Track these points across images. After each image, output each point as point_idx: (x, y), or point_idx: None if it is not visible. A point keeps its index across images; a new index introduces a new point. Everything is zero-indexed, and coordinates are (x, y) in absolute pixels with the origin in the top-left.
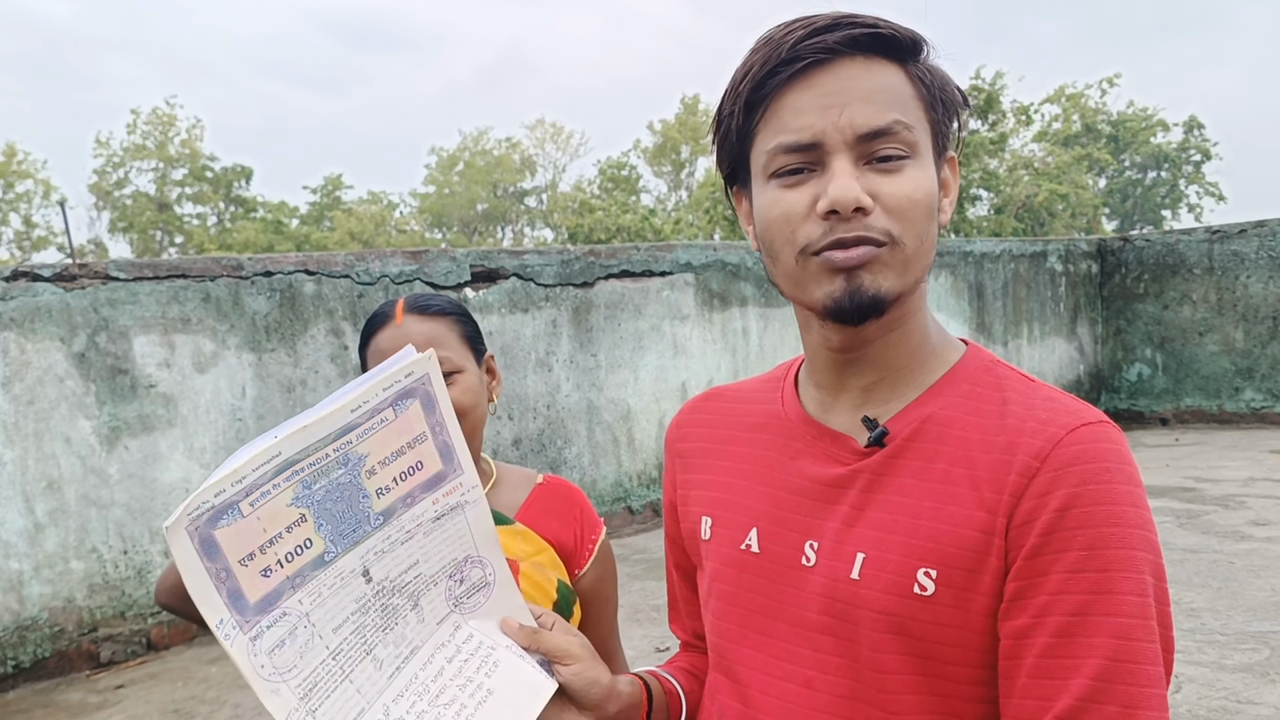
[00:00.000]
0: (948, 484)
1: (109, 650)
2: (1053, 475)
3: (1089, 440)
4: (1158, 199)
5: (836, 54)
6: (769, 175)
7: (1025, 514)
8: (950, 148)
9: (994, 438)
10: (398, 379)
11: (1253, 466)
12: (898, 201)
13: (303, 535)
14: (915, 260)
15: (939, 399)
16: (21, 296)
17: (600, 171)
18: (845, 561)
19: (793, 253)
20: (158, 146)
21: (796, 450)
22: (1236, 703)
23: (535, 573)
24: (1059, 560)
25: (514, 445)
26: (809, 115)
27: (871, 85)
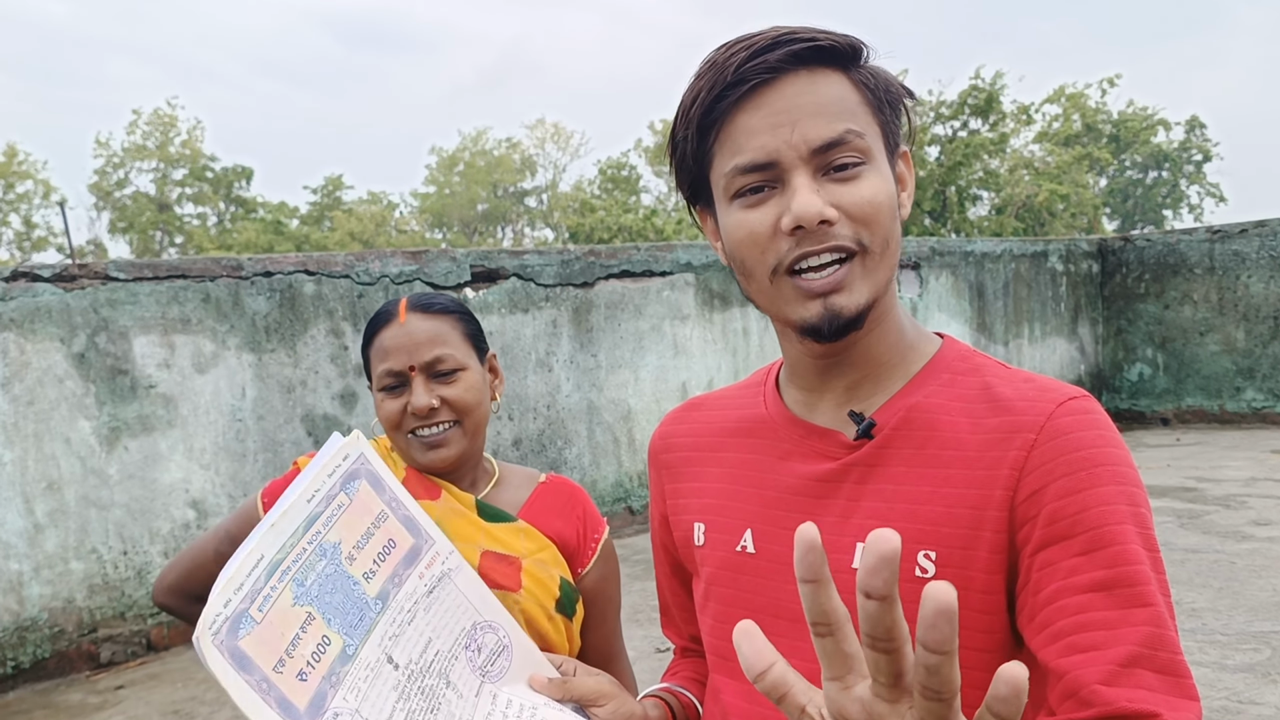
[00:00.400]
0: (940, 467)
1: (109, 651)
2: (1052, 444)
3: (1078, 411)
4: (1158, 199)
5: (780, 71)
6: (731, 197)
7: (1031, 486)
8: (901, 143)
9: (982, 419)
10: (336, 463)
11: (1254, 466)
12: (861, 209)
13: (318, 633)
14: (884, 264)
15: (922, 388)
16: (21, 297)
17: (600, 172)
18: (845, 552)
19: (765, 273)
20: (158, 147)
21: (785, 450)
22: (1238, 703)
23: (538, 570)
24: (1079, 523)
25: (514, 445)
26: (761, 135)
27: (818, 98)
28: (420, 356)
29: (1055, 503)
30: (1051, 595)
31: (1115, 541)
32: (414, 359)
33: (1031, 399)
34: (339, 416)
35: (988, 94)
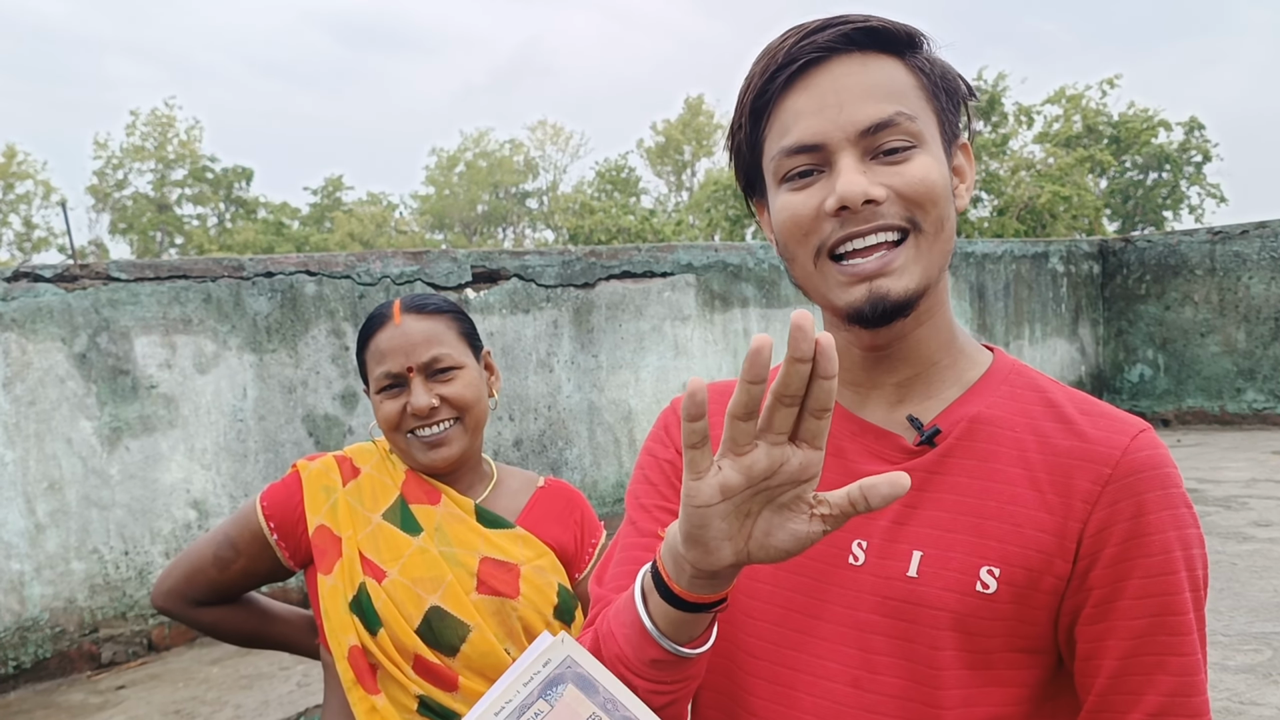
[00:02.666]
0: (1007, 484)
1: (110, 651)
2: (1125, 483)
3: (1148, 447)
4: (1159, 200)
5: (831, 53)
6: (779, 180)
7: (1101, 521)
8: (960, 135)
9: (1050, 440)
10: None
11: (1255, 468)
12: (912, 188)
13: None
14: (936, 247)
15: (982, 398)
16: (23, 297)
17: (599, 174)
18: (901, 560)
19: (809, 255)
20: (156, 148)
21: (836, 446)
22: (1239, 704)
23: (536, 577)
24: (1137, 568)
25: (515, 446)
26: (809, 117)
27: (868, 80)
28: (418, 357)
29: (1118, 546)
30: (1100, 646)
31: (1173, 606)
32: (412, 359)
33: (1103, 430)
34: (340, 417)
35: (989, 95)
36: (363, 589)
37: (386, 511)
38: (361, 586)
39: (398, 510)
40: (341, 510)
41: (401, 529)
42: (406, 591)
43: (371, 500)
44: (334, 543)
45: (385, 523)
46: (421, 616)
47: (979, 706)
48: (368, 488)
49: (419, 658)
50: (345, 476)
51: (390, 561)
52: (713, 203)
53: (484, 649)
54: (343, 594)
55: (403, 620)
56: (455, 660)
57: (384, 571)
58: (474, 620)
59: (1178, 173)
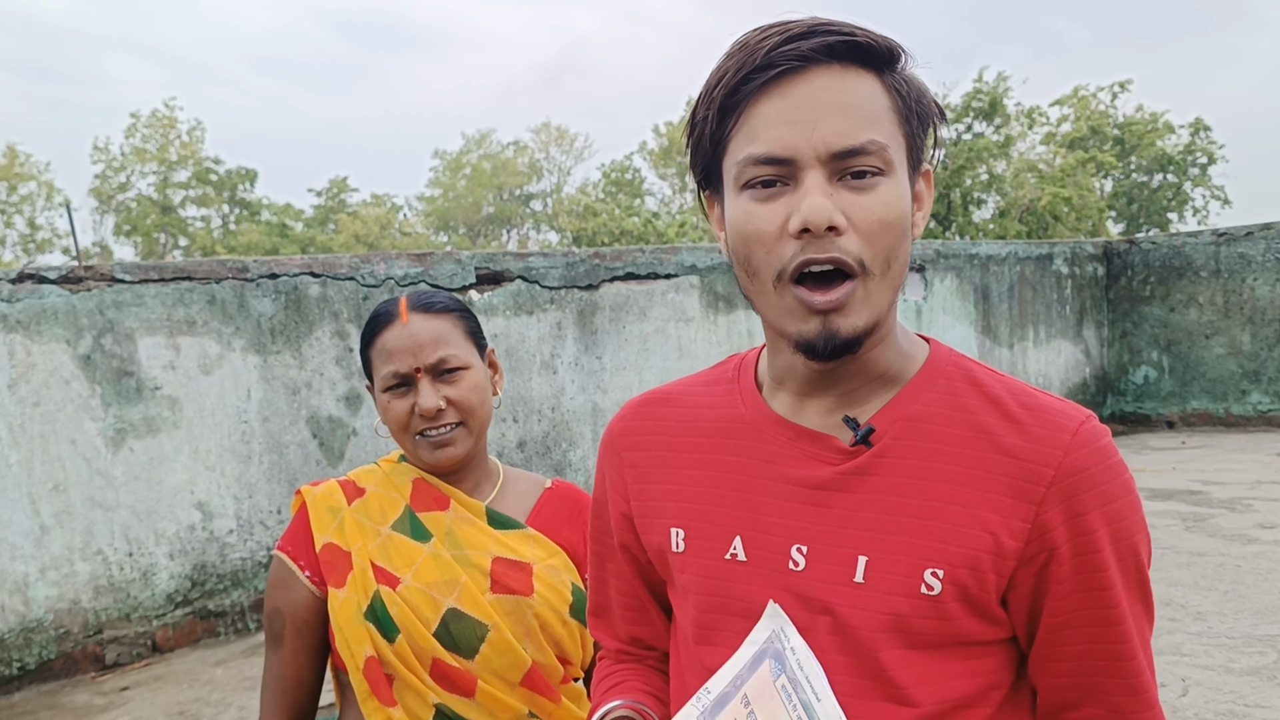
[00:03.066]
0: (949, 483)
1: (114, 652)
2: (1069, 482)
3: (1090, 441)
4: (1163, 202)
5: (811, 62)
6: (741, 186)
7: (1047, 521)
8: (925, 160)
9: (992, 437)
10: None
11: (1260, 469)
12: (869, 225)
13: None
14: (885, 285)
15: (920, 397)
16: (27, 299)
17: (604, 175)
18: (845, 565)
19: (770, 276)
20: (158, 149)
21: (771, 453)
22: (1244, 706)
23: (550, 576)
24: (1079, 569)
25: (519, 448)
26: (781, 127)
27: (846, 99)
28: (426, 358)
29: (1067, 544)
30: (1051, 650)
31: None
32: (420, 360)
33: (1045, 425)
34: (344, 418)
35: (991, 97)
36: (377, 597)
37: (395, 522)
38: (376, 595)
39: (406, 520)
40: (349, 527)
41: (412, 537)
42: (422, 596)
43: (379, 514)
44: (343, 556)
45: (395, 533)
46: (439, 619)
47: (944, 698)
48: (374, 504)
49: (437, 662)
50: (350, 497)
51: (403, 568)
52: None
53: (503, 648)
54: (356, 604)
55: (420, 625)
56: (474, 663)
57: (398, 578)
58: (491, 620)
59: (1182, 175)
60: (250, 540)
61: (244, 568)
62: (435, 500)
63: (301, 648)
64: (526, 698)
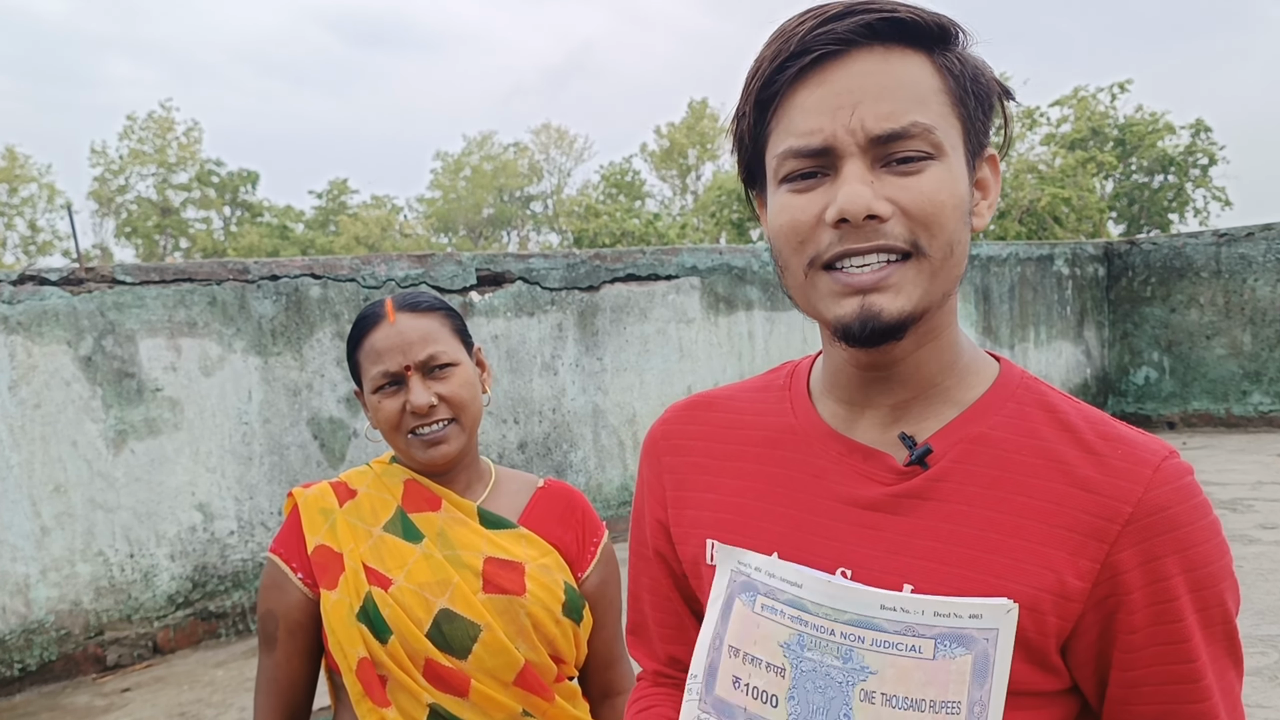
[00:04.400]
0: (1013, 515)
1: (115, 653)
2: (1147, 523)
3: (1174, 479)
4: (1164, 203)
5: (850, 44)
6: (780, 180)
7: (1120, 563)
8: (988, 145)
9: (1062, 467)
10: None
11: (1261, 470)
12: (919, 205)
13: (775, 687)
14: (943, 271)
15: (986, 418)
16: (28, 300)
17: (604, 177)
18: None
19: (801, 265)
20: (156, 151)
21: (820, 468)
22: (1245, 706)
23: (542, 575)
24: (1155, 616)
25: (520, 449)
26: (819, 116)
27: (887, 80)
28: (415, 355)
29: (1142, 590)
30: (1129, 695)
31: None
32: (409, 358)
33: (1125, 459)
34: (345, 420)
35: None
36: (369, 598)
37: (387, 524)
38: (368, 596)
39: (398, 521)
40: (341, 528)
41: (404, 538)
42: (414, 596)
43: (371, 515)
44: (335, 558)
45: (387, 534)
46: (431, 620)
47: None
48: (366, 505)
49: (430, 663)
50: (342, 498)
51: (395, 570)
52: (718, 206)
53: (496, 648)
54: (348, 606)
55: (412, 625)
56: (467, 663)
57: (390, 579)
58: (484, 620)
59: (1182, 176)
60: (251, 541)
61: (245, 569)
62: (427, 501)
63: (295, 649)
64: (520, 697)
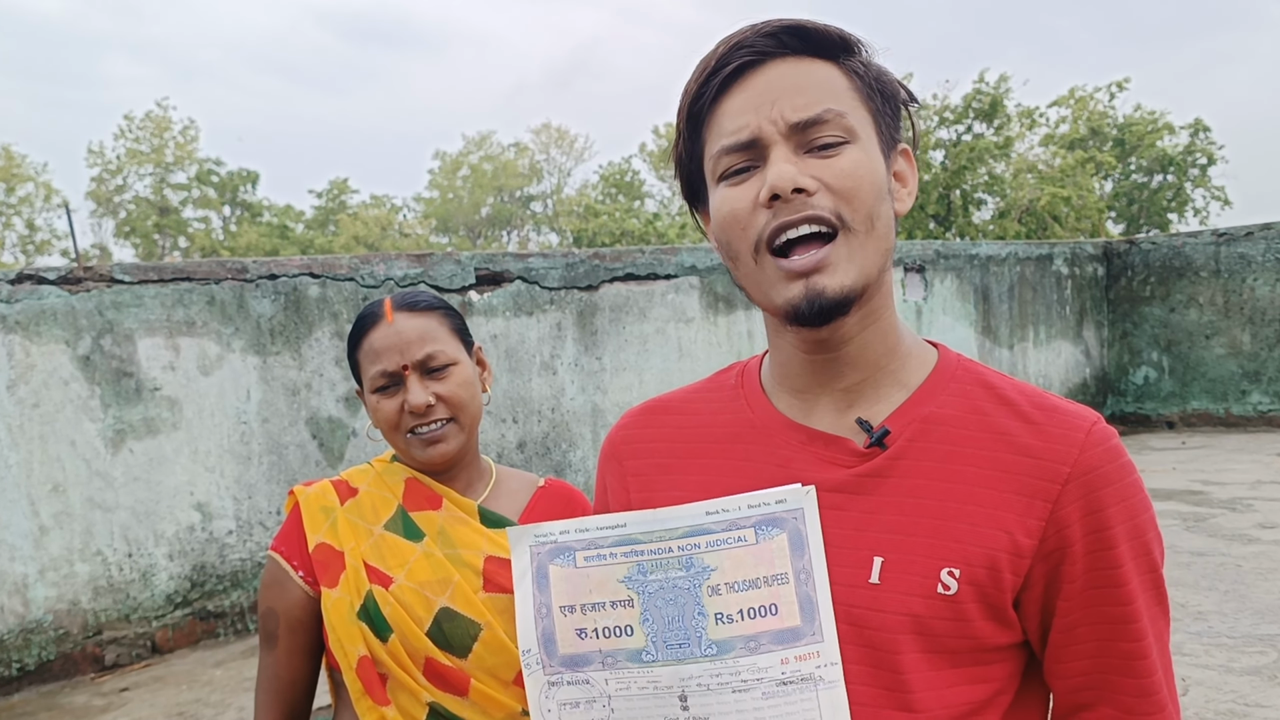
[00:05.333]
0: (965, 484)
1: (113, 653)
2: (1084, 480)
3: (1103, 440)
4: (1164, 203)
5: (766, 56)
6: (717, 179)
7: (1063, 519)
8: (900, 139)
9: (1006, 438)
10: (766, 501)
11: (1260, 469)
12: (840, 180)
13: (625, 619)
14: (870, 244)
15: (934, 399)
16: (27, 299)
17: (603, 178)
18: (861, 567)
19: (748, 249)
20: (153, 151)
21: (784, 457)
22: (1244, 705)
23: None
24: (1095, 566)
25: (519, 448)
26: (744, 115)
27: (801, 79)
28: (413, 355)
29: (1082, 541)
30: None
31: (1129, 614)
32: (407, 357)
33: (1059, 425)
34: (344, 419)
35: (992, 98)
36: (369, 597)
37: (388, 522)
38: (368, 594)
39: (399, 520)
40: (342, 526)
41: (404, 536)
42: (415, 595)
43: (372, 514)
44: (336, 556)
45: (388, 532)
46: (431, 619)
47: (952, 705)
48: (367, 503)
49: (430, 662)
50: (343, 496)
51: (396, 568)
52: None
53: (496, 647)
54: (349, 604)
55: (413, 624)
56: (468, 662)
57: (390, 578)
58: (484, 619)
59: (1182, 176)
60: (250, 541)
61: (243, 568)
62: (428, 499)
63: (296, 647)
64: (520, 696)
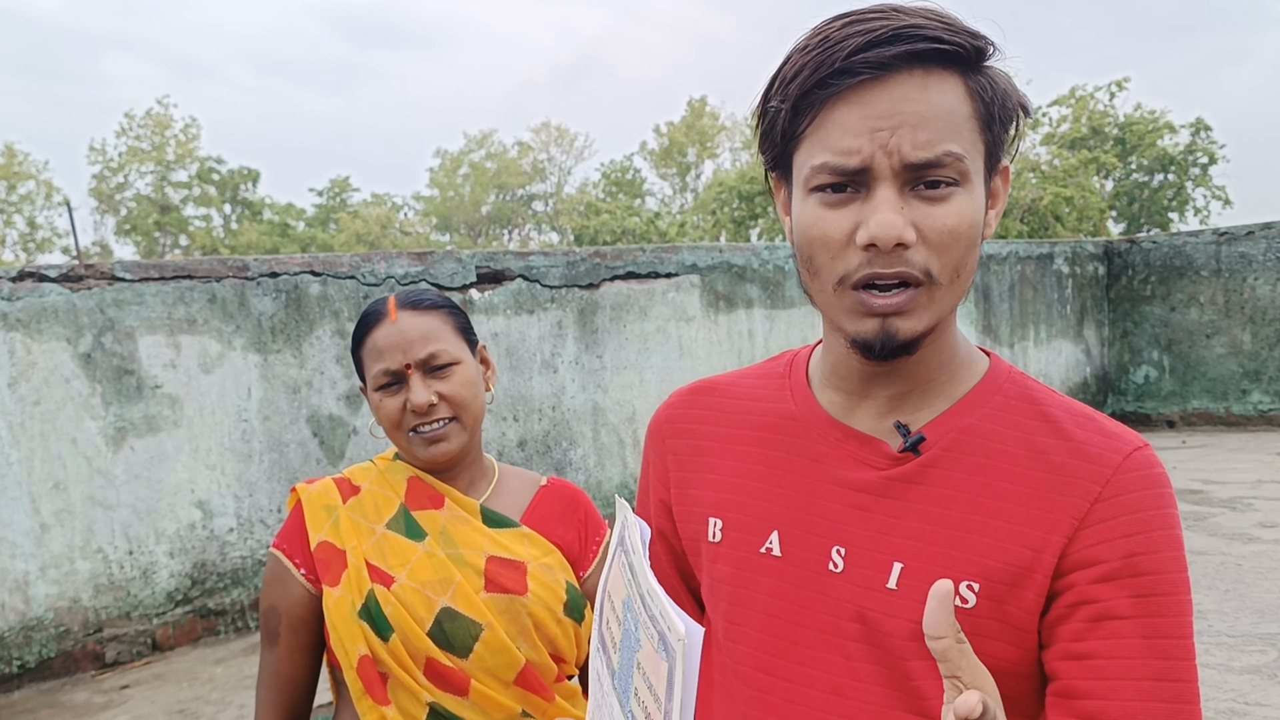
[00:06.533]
0: (993, 498)
1: (114, 650)
2: (1116, 502)
3: (1143, 466)
4: (1164, 202)
5: (892, 68)
6: (810, 189)
7: (1089, 539)
8: (1004, 158)
9: (1041, 456)
10: (660, 618)
11: (1260, 469)
12: (940, 237)
13: (618, 632)
14: (951, 292)
15: (975, 411)
16: (28, 297)
17: (604, 176)
18: (880, 570)
19: (831, 280)
20: (154, 149)
21: (818, 452)
22: (1244, 704)
23: (544, 575)
24: (1128, 588)
25: (519, 447)
26: (857, 137)
27: (926, 108)
28: (415, 354)
29: (1112, 562)
30: (1093, 649)
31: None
32: (409, 356)
33: (1098, 444)
34: (344, 417)
35: None
36: (371, 596)
37: (390, 521)
38: (370, 594)
39: (401, 518)
40: (344, 525)
41: (406, 536)
42: (416, 595)
43: (374, 512)
44: (338, 555)
45: (390, 531)
46: (433, 619)
47: None
48: (369, 502)
49: (431, 662)
50: (345, 494)
51: (398, 567)
52: (718, 204)
53: (497, 647)
54: (350, 603)
55: (414, 624)
56: (468, 662)
57: (392, 577)
58: (485, 619)
59: (1183, 175)
60: (250, 539)
61: (244, 566)
62: (430, 498)
63: (297, 645)
64: (520, 696)
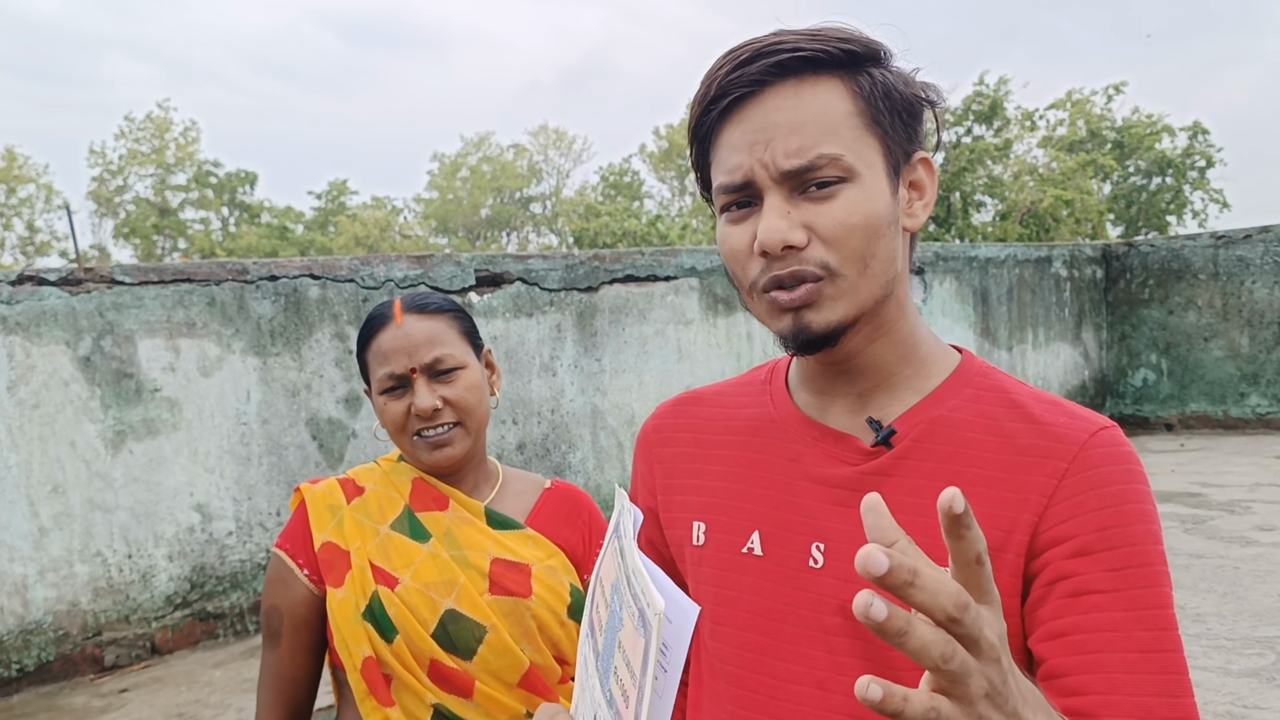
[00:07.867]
0: (963, 483)
1: (113, 654)
2: (1084, 476)
3: (1111, 444)
4: (1162, 205)
5: (764, 84)
6: (720, 210)
7: (1058, 514)
8: (917, 148)
9: (1011, 439)
10: (641, 595)
11: (1258, 472)
12: (831, 230)
13: (605, 615)
14: (861, 285)
15: (945, 402)
16: (27, 300)
17: (603, 178)
18: None
19: (746, 287)
20: (154, 152)
21: (796, 452)
22: (1242, 708)
23: (548, 577)
24: (1105, 561)
25: (518, 450)
26: (739, 154)
27: (797, 115)
28: (421, 358)
29: (1084, 536)
30: (1074, 625)
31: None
32: (415, 360)
33: (1063, 425)
34: (344, 420)
35: (992, 100)
36: (375, 597)
37: (394, 522)
38: (374, 595)
39: (405, 519)
40: (348, 525)
41: (410, 537)
42: (420, 596)
43: (379, 513)
44: (342, 556)
45: (394, 532)
46: (437, 620)
47: None
48: (373, 503)
49: (435, 664)
50: (349, 495)
51: (402, 569)
52: None
53: (501, 649)
54: (354, 604)
55: (418, 625)
56: (472, 664)
57: (396, 579)
58: (489, 621)
59: (1180, 178)
60: (249, 542)
61: (243, 570)
62: (434, 500)
63: (299, 645)
64: (524, 698)
